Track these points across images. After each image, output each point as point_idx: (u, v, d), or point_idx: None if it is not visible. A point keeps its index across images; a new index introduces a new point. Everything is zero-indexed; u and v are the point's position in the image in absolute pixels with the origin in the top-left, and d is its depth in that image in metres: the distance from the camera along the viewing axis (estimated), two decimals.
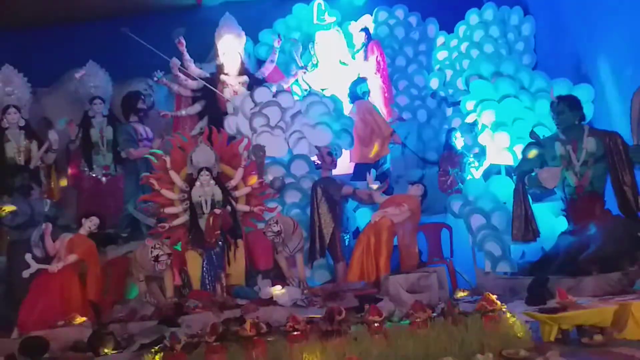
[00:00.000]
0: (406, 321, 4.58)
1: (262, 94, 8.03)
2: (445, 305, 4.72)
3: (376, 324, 4.37)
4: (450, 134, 8.21)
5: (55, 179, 8.10)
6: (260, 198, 6.83)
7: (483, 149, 7.71)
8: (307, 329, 4.43)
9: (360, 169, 8.05)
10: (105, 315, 5.86)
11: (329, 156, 7.21)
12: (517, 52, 9.45)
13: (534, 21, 9.67)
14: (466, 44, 9.62)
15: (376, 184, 7.08)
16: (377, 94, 9.25)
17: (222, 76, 8.74)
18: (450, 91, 9.46)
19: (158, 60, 8.42)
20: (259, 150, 7.32)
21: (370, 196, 6.93)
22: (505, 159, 7.46)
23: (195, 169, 6.52)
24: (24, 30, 10.14)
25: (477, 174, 7.75)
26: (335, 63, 9.64)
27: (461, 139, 8.01)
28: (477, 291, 6.01)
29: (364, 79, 8.87)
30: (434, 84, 9.83)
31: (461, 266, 6.75)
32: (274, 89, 8.27)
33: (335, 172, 7.40)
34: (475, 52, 9.38)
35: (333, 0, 10.47)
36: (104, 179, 8.26)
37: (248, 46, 9.53)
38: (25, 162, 7.70)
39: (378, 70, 9.43)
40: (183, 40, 8.52)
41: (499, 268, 6.45)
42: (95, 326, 5.33)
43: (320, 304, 5.46)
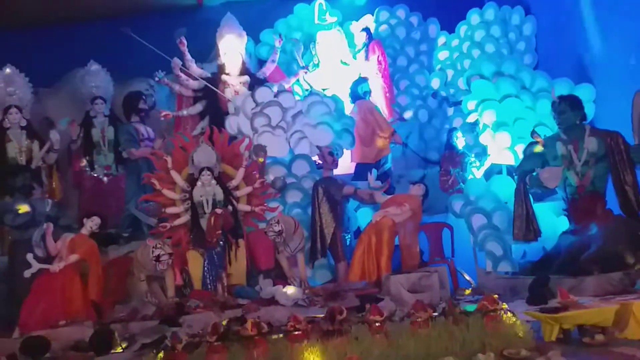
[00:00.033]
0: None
1: (264, 94, 8.03)
2: (446, 305, 4.72)
3: (377, 324, 4.37)
4: (452, 134, 8.19)
5: (56, 179, 8.10)
6: (261, 198, 6.84)
7: (484, 148, 7.71)
8: (308, 329, 4.42)
9: (362, 169, 8.06)
10: (107, 315, 5.86)
11: (330, 156, 7.22)
12: (518, 52, 9.46)
13: (535, 21, 9.67)
14: (467, 43, 9.64)
15: (377, 183, 7.08)
16: (379, 94, 9.26)
17: (224, 76, 8.75)
18: (452, 91, 9.47)
19: (159, 60, 8.44)
20: (260, 150, 7.32)
21: (371, 196, 6.92)
22: (507, 159, 7.46)
23: (196, 168, 6.52)
24: (26, 31, 10.15)
25: (479, 174, 7.74)
26: (336, 63, 9.64)
27: (462, 139, 8.00)
28: (479, 291, 6.02)
29: (365, 79, 8.87)
30: (435, 83, 9.83)
31: (462, 266, 6.75)
32: (275, 89, 8.28)
33: (336, 172, 7.41)
34: (476, 52, 9.40)
35: (334, 0, 10.47)
36: (105, 179, 8.26)
37: (249, 46, 9.53)
38: (27, 162, 7.70)
39: (379, 70, 9.44)
40: (184, 40, 8.53)
41: (500, 268, 6.45)
42: (97, 326, 5.33)
43: (321, 304, 5.45)
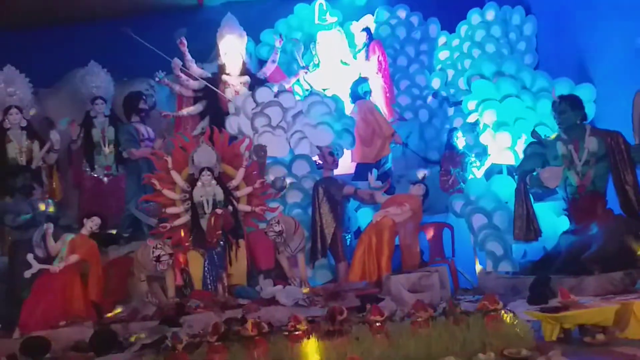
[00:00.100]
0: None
1: (264, 94, 8.03)
2: (447, 304, 4.71)
3: (378, 324, 4.37)
4: (452, 134, 8.19)
5: (57, 179, 8.09)
6: (261, 198, 6.84)
7: (484, 148, 7.70)
8: (309, 329, 4.42)
9: (362, 169, 8.05)
10: (107, 316, 5.85)
11: (330, 156, 7.22)
12: (519, 52, 9.44)
13: (535, 21, 9.66)
14: (468, 43, 9.63)
15: (377, 183, 7.08)
16: (379, 94, 9.25)
17: (224, 76, 8.75)
18: (452, 91, 9.46)
19: (160, 61, 8.44)
20: (260, 150, 7.32)
21: (371, 196, 6.92)
22: (507, 159, 7.46)
23: (196, 169, 6.51)
24: (26, 31, 10.14)
25: (479, 174, 7.74)
26: (336, 63, 9.63)
27: (463, 139, 8.00)
28: (479, 290, 6.01)
29: (365, 79, 8.87)
30: (436, 83, 9.83)
31: (463, 266, 6.75)
32: (275, 89, 8.27)
33: (336, 172, 7.41)
34: (476, 52, 9.39)
35: (334, 0, 10.47)
36: (105, 179, 8.25)
37: (249, 46, 9.53)
38: (27, 162, 7.68)
39: (379, 70, 9.42)
40: (185, 41, 8.54)
41: (500, 267, 6.45)
42: (97, 326, 5.33)
43: (321, 304, 5.45)
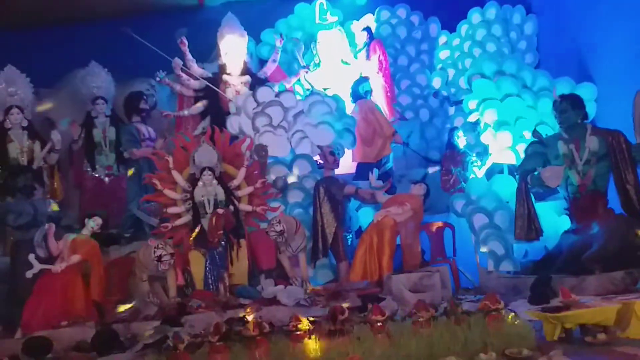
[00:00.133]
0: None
1: (265, 93, 8.03)
2: (448, 304, 4.72)
3: (379, 324, 4.37)
4: (453, 133, 8.18)
5: (58, 179, 8.10)
6: (262, 198, 6.84)
7: (485, 147, 7.70)
8: (310, 329, 4.43)
9: (363, 169, 8.05)
10: (109, 316, 5.86)
11: (331, 156, 7.22)
12: (520, 51, 9.45)
13: (536, 20, 9.67)
14: (468, 42, 9.63)
15: (378, 183, 7.08)
16: (380, 94, 9.25)
17: (225, 76, 8.74)
18: (453, 90, 9.46)
19: (160, 61, 8.43)
20: (261, 150, 7.32)
21: (372, 195, 6.92)
22: (508, 158, 7.45)
23: (197, 168, 6.51)
24: (26, 31, 10.15)
25: (480, 173, 7.73)
26: (337, 62, 9.63)
27: (464, 138, 7.99)
28: (480, 290, 6.01)
29: (366, 79, 8.87)
30: (437, 83, 9.83)
31: (464, 265, 6.75)
32: (276, 89, 8.27)
33: (337, 172, 7.41)
34: (477, 51, 9.38)
35: (335, 0, 10.47)
36: (106, 179, 8.26)
37: (250, 46, 9.53)
38: (28, 163, 7.68)
39: (380, 70, 9.43)
40: (185, 40, 8.52)
41: (501, 267, 6.43)
42: (99, 326, 5.34)
43: (323, 304, 5.46)
